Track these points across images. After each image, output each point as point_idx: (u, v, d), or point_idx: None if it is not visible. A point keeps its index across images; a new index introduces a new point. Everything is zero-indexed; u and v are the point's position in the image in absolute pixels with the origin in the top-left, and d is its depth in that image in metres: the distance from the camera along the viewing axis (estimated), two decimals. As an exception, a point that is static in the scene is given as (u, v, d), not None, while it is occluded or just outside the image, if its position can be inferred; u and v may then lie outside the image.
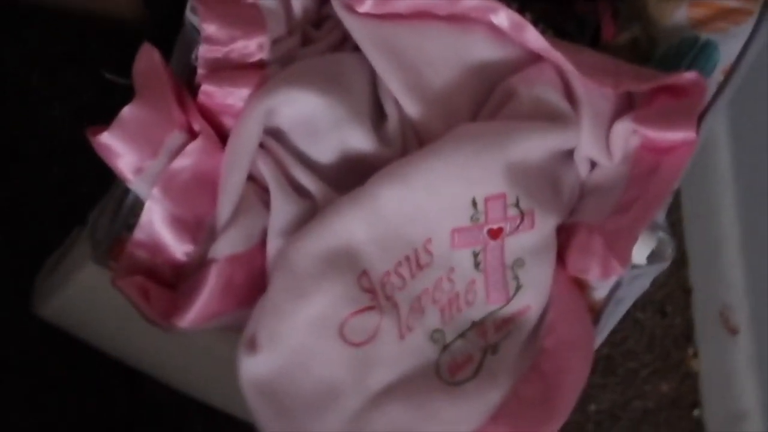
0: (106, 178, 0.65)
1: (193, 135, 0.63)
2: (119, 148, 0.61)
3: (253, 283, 0.63)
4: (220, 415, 0.80)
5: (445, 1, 0.66)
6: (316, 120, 0.64)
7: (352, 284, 0.62)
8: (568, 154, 0.71)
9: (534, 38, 0.67)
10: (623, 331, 0.99)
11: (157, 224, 0.63)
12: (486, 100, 0.69)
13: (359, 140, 0.65)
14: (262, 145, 0.64)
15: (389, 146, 0.66)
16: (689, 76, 0.67)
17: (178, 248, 0.64)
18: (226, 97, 0.63)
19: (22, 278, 0.81)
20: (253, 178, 0.65)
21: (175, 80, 0.64)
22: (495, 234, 0.66)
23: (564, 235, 0.69)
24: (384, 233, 0.63)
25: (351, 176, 0.65)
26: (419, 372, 0.64)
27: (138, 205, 0.64)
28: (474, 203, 0.64)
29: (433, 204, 0.64)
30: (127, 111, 0.60)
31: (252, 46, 0.64)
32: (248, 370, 0.60)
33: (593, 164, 0.72)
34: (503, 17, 0.67)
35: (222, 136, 0.65)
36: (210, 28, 0.63)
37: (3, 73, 0.95)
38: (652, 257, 0.69)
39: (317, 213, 0.62)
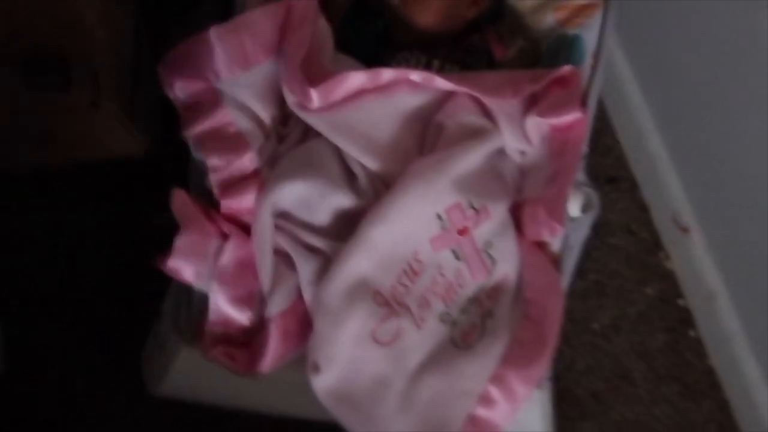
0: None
1: (225, 237, 0.86)
2: (181, 266, 0.84)
3: (304, 326, 0.85)
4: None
5: (368, 81, 0.87)
6: (307, 198, 0.86)
7: (370, 303, 0.83)
8: (503, 151, 0.91)
9: (442, 82, 0.88)
10: (604, 258, 1.19)
11: (222, 306, 0.86)
12: (424, 138, 0.90)
13: (341, 201, 0.86)
14: (278, 227, 0.86)
15: (364, 197, 0.87)
16: (566, 69, 0.88)
17: (243, 317, 0.86)
18: (240, 203, 0.86)
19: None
20: (278, 253, 0.87)
21: (201, 204, 0.87)
22: (463, 232, 0.86)
23: (518, 211, 0.90)
24: (381, 258, 0.84)
25: (345, 227, 0.86)
26: (440, 347, 0.85)
27: (204, 298, 0.87)
28: (439, 216, 0.85)
29: (409, 226, 0.85)
30: (179, 240, 0.83)
31: (245, 162, 0.87)
32: (318, 386, 0.82)
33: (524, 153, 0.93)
34: (416, 75, 0.88)
35: (246, 230, 0.87)
36: (213, 161, 0.86)
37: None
38: (585, 208, 0.90)
39: (330, 262, 0.84)
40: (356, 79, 0.86)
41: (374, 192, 0.88)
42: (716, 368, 1.12)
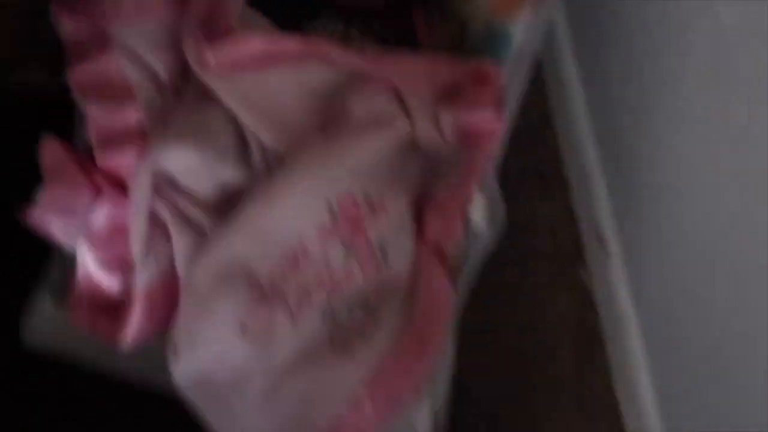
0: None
1: (100, 194, 0.80)
2: (47, 220, 0.78)
3: (173, 303, 0.79)
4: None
5: (271, 46, 0.80)
6: (193, 166, 0.80)
7: (243, 289, 0.78)
8: (413, 142, 0.85)
9: (355, 61, 0.81)
10: (522, 259, 1.14)
11: (90, 268, 0.80)
12: (328, 118, 0.84)
13: (230, 174, 0.81)
14: (158, 192, 0.80)
15: (256, 171, 0.81)
16: (488, 64, 0.82)
17: (111, 283, 0.81)
18: (118, 159, 0.79)
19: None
20: (155, 220, 0.80)
21: (78, 157, 0.80)
22: (354, 224, 0.81)
23: (421, 208, 0.84)
24: (261, 241, 0.79)
25: (229, 203, 0.80)
26: (315, 345, 0.80)
27: (73, 256, 0.81)
28: (330, 205, 0.80)
29: (296, 211, 0.79)
30: (43, 193, 0.77)
31: (128, 115, 0.80)
32: (176, 370, 0.77)
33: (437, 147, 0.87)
34: (327, 49, 0.81)
35: (125, 190, 0.80)
36: (92, 110, 0.79)
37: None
38: (489, 215, 0.85)
39: (206, 238, 0.79)
40: (257, 43, 0.80)
41: (267, 169, 0.82)
42: (617, 391, 1.09)
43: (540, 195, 1.18)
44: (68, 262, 0.83)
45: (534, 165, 1.18)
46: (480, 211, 0.84)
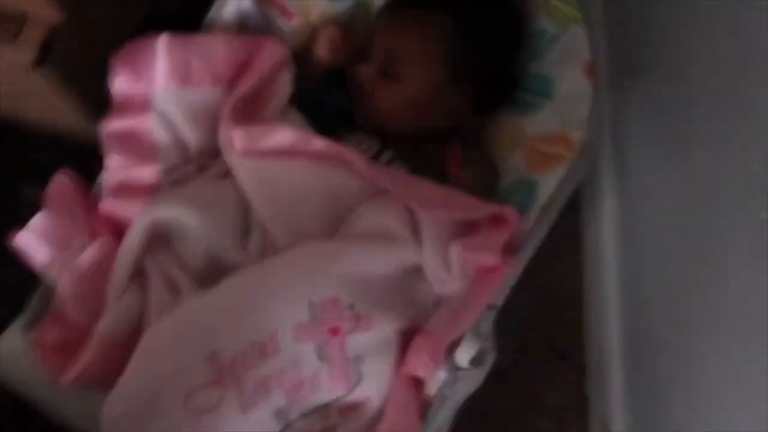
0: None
1: (95, 237, 0.81)
2: (34, 246, 0.79)
3: (128, 359, 0.77)
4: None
5: (298, 142, 0.82)
6: (190, 232, 0.81)
7: (200, 361, 0.75)
8: (422, 271, 0.82)
9: (378, 177, 0.81)
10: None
11: (65, 301, 0.80)
12: (338, 225, 0.83)
13: (222, 249, 0.81)
14: (152, 247, 0.81)
15: (249, 253, 0.81)
16: (508, 210, 0.80)
17: (82, 321, 0.80)
18: (120, 209, 0.81)
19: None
20: (141, 274, 0.81)
21: (85, 197, 0.83)
22: (333, 331, 0.78)
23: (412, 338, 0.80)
24: (234, 321, 0.77)
25: (216, 274, 0.80)
26: None
27: (51, 288, 0.81)
28: (311, 304, 0.77)
29: (276, 302, 0.77)
30: (37, 219, 0.79)
31: (145, 173, 0.83)
32: (105, 411, 0.74)
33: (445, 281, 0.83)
34: (351, 157, 0.82)
35: (120, 239, 0.82)
36: (112, 160, 0.83)
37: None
38: (475, 361, 0.80)
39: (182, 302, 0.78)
40: (284, 135, 0.82)
41: (261, 253, 0.82)
42: None
43: (554, 373, 1.10)
44: (49, 294, 0.83)
45: (554, 340, 1.11)
46: (467, 355, 0.79)
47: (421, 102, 0.89)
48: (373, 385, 0.79)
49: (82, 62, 0.91)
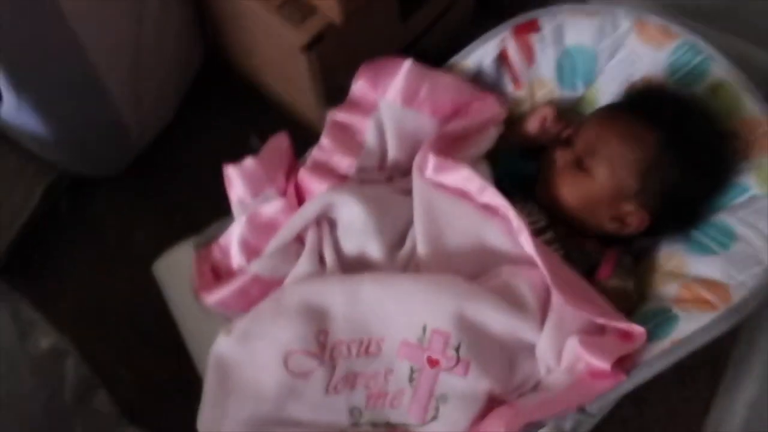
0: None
1: (283, 195, 0.94)
2: (235, 181, 0.93)
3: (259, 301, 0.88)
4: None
5: (473, 187, 0.89)
6: (354, 221, 0.89)
7: (311, 331, 0.83)
8: (532, 349, 0.85)
9: (530, 247, 0.84)
10: None
11: (233, 239, 0.93)
12: (478, 274, 0.87)
13: (374, 248, 0.89)
14: (319, 222, 0.91)
15: (394, 262, 0.89)
16: (638, 329, 0.81)
17: (238, 260, 0.92)
18: (311, 184, 0.93)
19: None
20: (300, 240, 0.91)
21: (293, 160, 0.96)
22: (433, 363, 0.82)
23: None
24: (352, 312, 0.84)
25: (359, 266, 0.88)
26: (328, 428, 0.82)
27: (230, 221, 0.95)
28: (424, 328, 0.83)
29: (396, 312, 0.84)
30: (249, 160, 0.93)
31: (344, 162, 0.94)
32: (217, 346, 0.84)
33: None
34: (516, 222, 0.86)
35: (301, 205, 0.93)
36: (324, 141, 0.95)
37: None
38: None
39: (316, 278, 0.87)
40: (466, 176, 0.89)
41: (404, 267, 0.89)
42: None
43: None
44: (222, 229, 0.96)
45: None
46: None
47: (598, 201, 0.92)
48: (443, 429, 0.81)
49: (339, 60, 1.05)
